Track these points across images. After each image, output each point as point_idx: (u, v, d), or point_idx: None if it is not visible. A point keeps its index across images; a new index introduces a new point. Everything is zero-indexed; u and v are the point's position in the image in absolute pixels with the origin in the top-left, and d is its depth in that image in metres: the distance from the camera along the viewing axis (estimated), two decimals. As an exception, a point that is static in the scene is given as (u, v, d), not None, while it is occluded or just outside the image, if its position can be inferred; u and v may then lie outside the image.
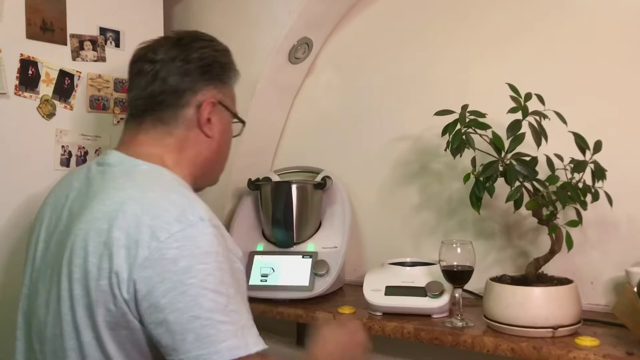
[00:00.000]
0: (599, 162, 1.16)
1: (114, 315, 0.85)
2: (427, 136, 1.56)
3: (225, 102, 1.07)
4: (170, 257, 0.82)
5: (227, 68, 1.08)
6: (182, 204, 0.87)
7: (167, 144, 1.01)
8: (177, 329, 0.82)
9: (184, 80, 1.01)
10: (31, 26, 1.40)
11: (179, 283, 0.82)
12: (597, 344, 1.05)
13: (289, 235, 1.54)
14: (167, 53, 1.02)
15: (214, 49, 1.06)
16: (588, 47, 1.34)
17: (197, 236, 0.85)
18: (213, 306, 0.82)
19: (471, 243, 1.22)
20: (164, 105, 1.01)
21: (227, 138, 1.10)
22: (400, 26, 1.65)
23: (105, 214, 0.87)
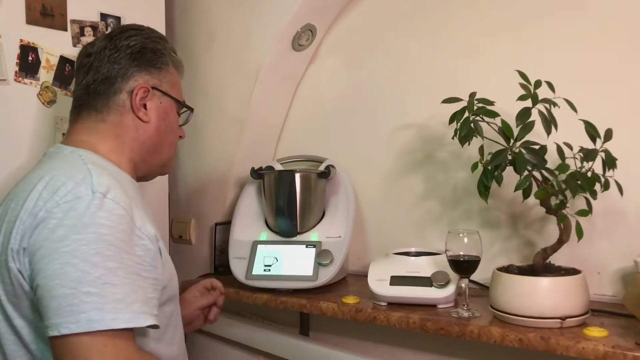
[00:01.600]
0: (609, 150, 1.14)
1: (11, 289, 0.89)
2: (432, 124, 1.54)
3: (162, 87, 1.09)
4: (51, 226, 0.85)
5: (160, 54, 1.09)
6: (80, 179, 0.90)
7: (100, 130, 1.04)
8: (45, 295, 0.83)
9: (114, 68, 1.05)
10: (31, 11, 1.37)
11: (53, 250, 0.84)
12: (606, 334, 1.04)
13: (292, 225, 1.53)
14: (99, 45, 1.07)
15: (143, 36, 1.09)
16: (599, 34, 1.32)
17: (81, 208, 0.86)
18: (80, 276, 0.82)
19: (478, 233, 1.21)
20: (97, 94, 1.05)
21: (167, 123, 1.11)
22: (405, 13, 1.62)
23: (17, 195, 0.93)
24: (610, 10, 1.31)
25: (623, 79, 1.29)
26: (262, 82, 1.69)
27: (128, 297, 0.84)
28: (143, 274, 0.90)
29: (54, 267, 0.83)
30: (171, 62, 1.12)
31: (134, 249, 0.89)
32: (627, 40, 1.29)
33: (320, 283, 1.43)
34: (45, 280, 0.83)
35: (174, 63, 1.13)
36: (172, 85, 1.12)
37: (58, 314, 0.81)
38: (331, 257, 1.45)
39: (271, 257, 1.49)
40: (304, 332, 1.69)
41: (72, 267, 0.82)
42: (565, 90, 1.18)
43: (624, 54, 1.29)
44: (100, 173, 0.93)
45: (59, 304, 0.81)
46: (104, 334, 0.81)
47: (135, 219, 0.92)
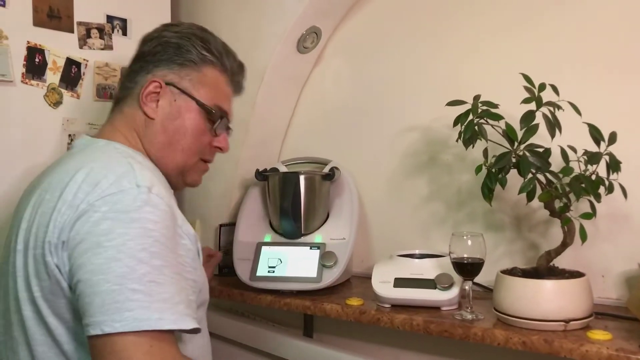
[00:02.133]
0: (613, 153, 1.14)
1: (48, 285, 0.84)
2: (436, 127, 1.55)
3: (180, 84, 1.03)
4: (95, 218, 0.81)
5: (184, 49, 1.04)
6: (122, 172, 0.87)
7: (129, 123, 1.03)
8: (86, 291, 0.79)
9: (137, 64, 1.05)
10: (38, 13, 1.38)
11: (96, 244, 0.79)
12: (610, 337, 1.04)
13: (296, 227, 1.53)
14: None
15: (171, 31, 1.06)
16: (604, 38, 1.32)
17: (126, 201, 0.82)
18: (126, 272, 0.78)
19: (482, 235, 1.21)
20: (123, 88, 1.06)
21: (178, 124, 1.03)
22: (409, 15, 1.63)
23: (52, 185, 0.89)
24: (615, 14, 1.31)
25: (628, 82, 1.29)
26: (267, 83, 1.69)
27: (173, 298, 0.80)
28: (185, 274, 0.87)
29: (98, 261, 0.78)
30: (201, 61, 1.05)
31: (176, 247, 0.86)
32: (633, 42, 1.29)
33: (324, 285, 1.43)
34: (88, 275, 0.79)
35: (209, 62, 1.06)
36: (199, 85, 1.05)
37: (101, 311, 0.76)
38: (335, 259, 1.46)
39: (275, 259, 1.50)
40: (308, 334, 1.69)
41: (118, 262, 0.78)
42: (570, 93, 1.18)
43: (629, 56, 1.29)
44: (141, 167, 0.90)
45: (102, 301, 0.77)
46: (149, 334, 0.77)
47: (177, 216, 0.89)
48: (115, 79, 1.53)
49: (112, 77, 1.52)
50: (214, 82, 1.07)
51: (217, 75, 1.07)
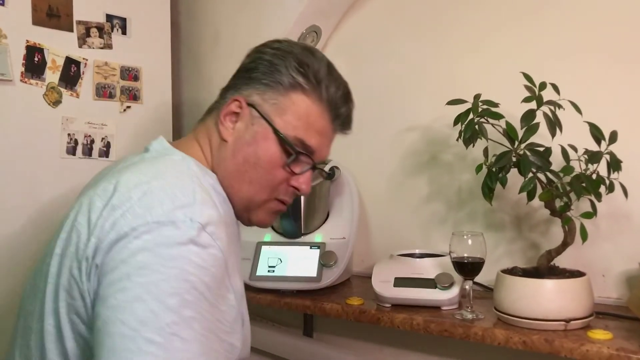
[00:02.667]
0: (614, 153, 1.14)
1: (75, 304, 0.76)
2: (436, 126, 1.54)
3: (262, 108, 0.90)
4: (133, 247, 0.71)
5: (275, 69, 0.91)
6: (182, 202, 0.76)
7: (204, 137, 0.95)
8: (101, 328, 0.70)
9: (233, 79, 0.96)
10: (37, 12, 1.38)
11: (126, 277, 0.70)
12: (610, 337, 1.04)
13: (296, 226, 1.52)
14: None
15: (272, 47, 0.94)
16: (605, 35, 1.32)
17: (172, 234, 0.72)
18: (147, 317, 0.68)
19: (482, 234, 1.20)
20: (216, 100, 0.98)
21: (250, 152, 0.90)
22: (409, 14, 1.63)
23: (105, 192, 0.79)
24: (616, 13, 1.31)
25: (628, 81, 1.28)
26: (267, 83, 1.69)
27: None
28: (221, 335, 0.76)
29: (122, 297, 0.69)
30: (291, 85, 0.91)
31: (218, 301, 0.75)
32: (634, 41, 1.29)
33: (324, 284, 1.43)
34: (107, 311, 0.70)
35: (299, 88, 0.91)
36: (283, 112, 0.91)
37: (108, 357, 0.67)
38: (335, 259, 1.45)
39: (275, 258, 1.50)
40: (308, 333, 1.69)
41: (141, 303, 0.68)
42: (570, 92, 1.18)
43: (630, 55, 1.29)
44: (205, 200, 0.79)
45: (113, 345, 0.67)
46: None
47: (228, 265, 0.77)
48: (114, 78, 1.53)
49: (111, 76, 1.52)
50: (303, 112, 0.92)
51: (308, 104, 0.92)
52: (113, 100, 1.54)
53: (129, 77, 1.56)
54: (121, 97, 1.55)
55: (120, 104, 1.55)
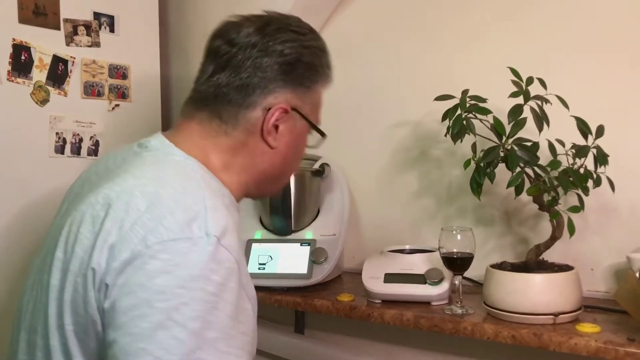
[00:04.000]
0: (601, 147, 1.15)
1: (83, 322, 0.72)
2: (426, 122, 1.54)
3: (303, 109, 0.90)
4: (150, 268, 0.68)
5: (314, 70, 0.90)
6: (194, 212, 0.73)
7: (219, 142, 0.87)
8: (120, 356, 0.67)
9: (256, 76, 0.86)
10: (23, 10, 1.37)
11: (146, 302, 0.67)
12: (598, 330, 1.05)
13: (287, 223, 1.52)
14: (248, 37, 0.87)
15: (303, 44, 0.89)
16: (590, 30, 1.32)
17: (192, 253, 0.69)
18: (172, 345, 0.66)
19: (471, 230, 1.21)
20: (227, 100, 0.86)
21: (297, 151, 0.93)
22: (398, 11, 1.63)
23: (107, 200, 0.75)
24: (602, 8, 1.31)
25: (615, 76, 1.29)
26: (257, 80, 1.68)
27: None
28: (246, 347, 0.74)
29: (143, 325, 0.66)
30: (321, 80, 0.93)
31: (239, 314, 0.73)
32: (619, 36, 1.29)
33: (314, 281, 1.43)
34: (128, 339, 0.67)
35: (324, 81, 0.94)
36: (314, 107, 0.93)
37: None
38: (326, 255, 1.45)
39: (266, 256, 1.49)
40: (299, 330, 1.69)
41: (165, 331, 0.66)
42: (557, 86, 1.18)
43: (617, 50, 1.29)
44: (216, 206, 0.76)
45: None
46: None
47: (242, 273, 0.75)
48: (102, 76, 1.52)
49: (99, 74, 1.52)
50: (320, 99, 0.96)
51: (321, 91, 0.95)
52: (101, 98, 1.53)
53: (118, 75, 1.55)
54: (109, 96, 1.54)
55: (109, 102, 1.55)
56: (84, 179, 0.92)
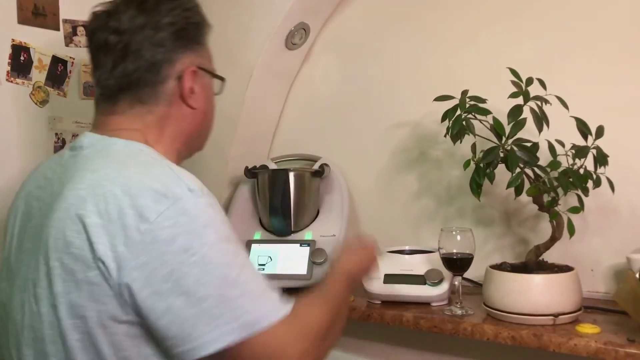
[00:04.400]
0: (601, 147, 1.15)
1: (108, 310, 0.76)
2: (426, 123, 1.54)
3: (205, 64, 0.98)
4: (165, 237, 0.74)
5: (201, 27, 0.97)
6: (166, 178, 0.79)
7: (147, 122, 0.91)
8: (186, 315, 0.74)
9: (159, 52, 0.90)
10: (23, 11, 1.37)
11: (180, 264, 0.74)
12: (598, 331, 1.04)
13: (286, 224, 1.52)
14: (133, 21, 0.89)
15: (183, 8, 0.94)
16: (590, 31, 1.32)
17: (189, 209, 0.77)
18: (221, 282, 0.76)
19: (471, 230, 1.21)
20: (141, 83, 0.90)
21: (211, 104, 1.02)
22: (398, 11, 1.62)
23: (80, 199, 0.78)
24: (603, 8, 1.31)
25: (615, 76, 1.29)
26: (256, 80, 1.68)
27: (266, 287, 0.81)
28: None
29: (190, 280, 0.74)
30: (208, 32, 0.99)
31: (238, 242, 0.84)
32: (619, 37, 1.29)
33: (314, 282, 1.42)
34: (183, 298, 0.74)
35: (208, 30, 1.00)
36: (210, 58, 1.01)
37: (211, 329, 0.74)
38: (325, 256, 1.45)
39: (265, 256, 1.49)
40: (299, 331, 1.69)
41: (209, 274, 0.75)
42: (557, 87, 1.18)
43: (616, 51, 1.29)
44: (179, 169, 0.83)
45: (210, 317, 0.74)
46: (268, 329, 0.77)
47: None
48: (102, 77, 1.52)
49: (98, 75, 1.51)
50: (210, 52, 1.02)
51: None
52: (101, 99, 1.53)
53: (117, 76, 1.55)
54: (109, 96, 1.54)
55: (108, 102, 1.54)
56: (24, 198, 0.93)
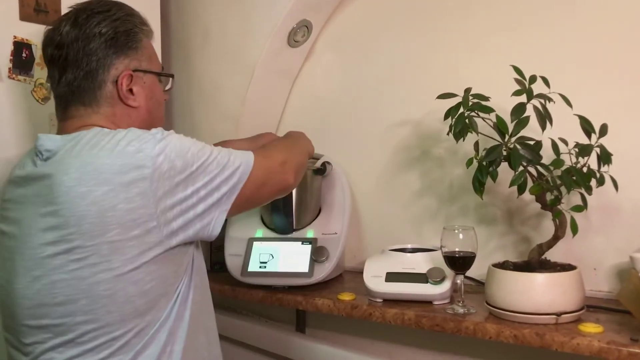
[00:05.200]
0: (604, 146, 1.14)
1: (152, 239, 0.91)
2: (428, 121, 1.54)
3: (142, 66, 1.07)
4: (166, 168, 0.92)
5: (132, 33, 1.06)
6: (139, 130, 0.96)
7: (97, 120, 1.03)
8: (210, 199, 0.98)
9: (92, 60, 1.01)
10: (24, 8, 1.37)
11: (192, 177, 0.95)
12: (601, 330, 1.04)
13: (288, 222, 1.52)
14: (68, 35, 1.01)
15: (112, 19, 1.04)
16: (594, 28, 1.32)
17: (170, 142, 0.94)
18: (217, 164, 0.99)
19: (473, 229, 1.20)
20: (82, 90, 1.02)
21: (155, 100, 1.10)
22: (400, 9, 1.62)
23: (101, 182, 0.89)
24: (606, 6, 1.30)
25: (618, 74, 1.28)
26: (258, 78, 1.68)
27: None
28: None
29: (212, 164, 0.98)
30: (144, 36, 1.09)
31: None
32: (623, 35, 1.29)
33: (315, 280, 1.42)
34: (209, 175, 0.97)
35: (146, 35, 1.10)
36: (150, 59, 1.10)
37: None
38: (327, 254, 1.45)
39: (267, 254, 1.49)
40: (300, 329, 1.69)
41: (212, 158, 0.99)
42: (561, 85, 1.18)
43: (620, 49, 1.29)
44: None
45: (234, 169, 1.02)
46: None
47: None
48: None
49: (100, 72, 1.51)
50: (152, 49, 1.12)
51: (149, 43, 1.11)
52: (102, 96, 1.52)
53: (119, 73, 1.55)
54: (111, 93, 1.54)
55: (110, 100, 1.54)
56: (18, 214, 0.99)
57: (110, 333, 0.91)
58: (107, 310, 0.90)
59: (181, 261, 0.99)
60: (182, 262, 0.99)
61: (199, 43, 1.79)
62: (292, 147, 1.25)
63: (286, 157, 1.15)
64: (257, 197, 1.09)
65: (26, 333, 0.94)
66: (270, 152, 1.14)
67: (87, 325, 0.90)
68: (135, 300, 0.92)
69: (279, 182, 1.11)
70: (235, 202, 1.02)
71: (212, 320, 1.13)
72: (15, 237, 0.96)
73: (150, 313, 0.94)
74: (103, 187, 0.89)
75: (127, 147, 0.91)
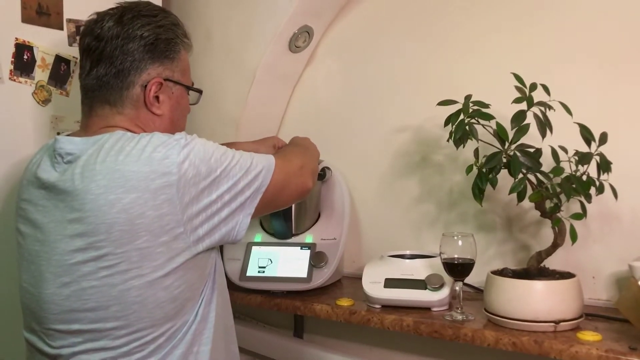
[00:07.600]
0: (604, 154, 1.14)
1: (180, 245, 0.92)
2: (428, 127, 1.54)
3: (174, 77, 1.07)
4: (192, 173, 0.92)
5: (172, 43, 1.06)
6: (166, 139, 0.95)
7: (119, 121, 1.03)
8: (234, 203, 0.98)
9: (127, 60, 1.01)
10: (26, 10, 1.37)
11: (213, 181, 0.95)
12: (600, 338, 1.04)
13: (287, 227, 1.52)
14: (110, 30, 1.01)
15: (157, 25, 1.04)
16: (594, 37, 1.32)
17: (195, 147, 0.95)
18: (240, 167, 1.00)
19: (472, 236, 1.20)
20: (109, 87, 1.02)
21: (179, 112, 1.11)
22: (401, 15, 1.62)
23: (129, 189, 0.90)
24: (606, 14, 1.31)
25: (619, 83, 1.29)
26: (259, 83, 1.68)
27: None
28: None
29: (235, 168, 0.99)
30: (183, 48, 1.10)
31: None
32: (622, 43, 1.29)
33: (314, 285, 1.42)
34: (228, 194, 0.97)
35: (186, 47, 1.11)
36: (183, 72, 1.10)
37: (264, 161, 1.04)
38: (326, 259, 1.45)
39: (265, 259, 1.49)
40: (298, 335, 1.69)
41: (234, 162, 1.00)
42: (561, 93, 1.18)
43: (619, 57, 1.29)
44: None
45: (258, 171, 1.02)
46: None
47: None
48: (105, 77, 1.52)
49: (101, 75, 1.51)
50: (187, 63, 1.13)
51: (186, 56, 1.12)
52: (103, 99, 1.52)
53: (120, 76, 1.55)
54: (111, 96, 1.54)
55: (111, 103, 1.54)
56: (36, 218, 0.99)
57: (141, 338, 0.91)
58: (138, 316, 0.90)
59: (205, 265, 0.99)
60: (207, 266, 1.00)
61: (201, 47, 1.79)
62: (306, 152, 1.27)
63: (304, 162, 1.16)
64: (277, 201, 1.09)
65: (54, 336, 0.94)
66: (290, 157, 1.15)
67: (118, 331, 0.91)
68: (165, 306, 0.92)
69: (298, 185, 1.12)
70: (257, 205, 1.02)
71: (231, 320, 1.14)
72: (40, 241, 0.95)
73: (179, 316, 0.94)
74: (131, 194, 0.89)
75: (153, 154, 0.91)
